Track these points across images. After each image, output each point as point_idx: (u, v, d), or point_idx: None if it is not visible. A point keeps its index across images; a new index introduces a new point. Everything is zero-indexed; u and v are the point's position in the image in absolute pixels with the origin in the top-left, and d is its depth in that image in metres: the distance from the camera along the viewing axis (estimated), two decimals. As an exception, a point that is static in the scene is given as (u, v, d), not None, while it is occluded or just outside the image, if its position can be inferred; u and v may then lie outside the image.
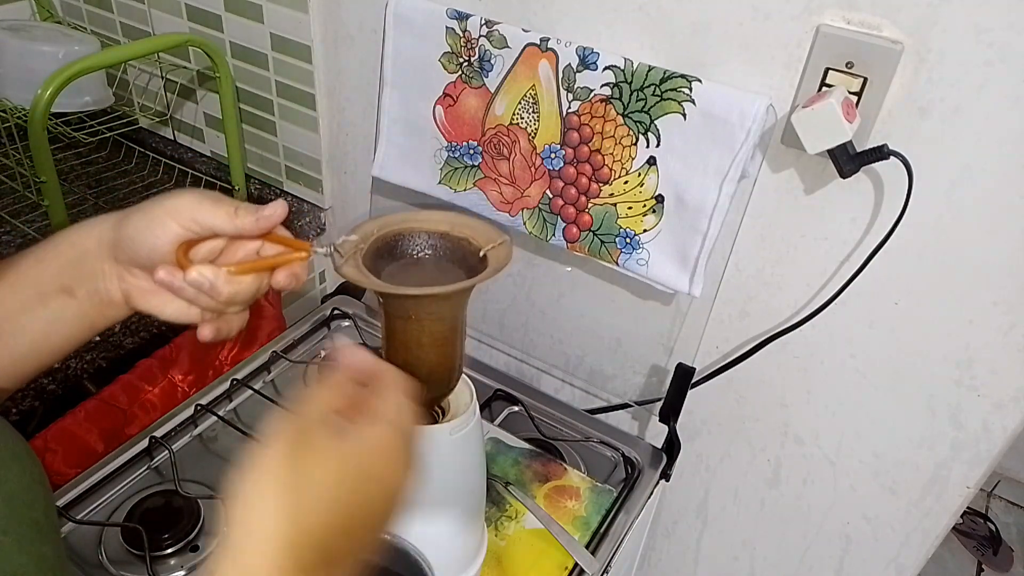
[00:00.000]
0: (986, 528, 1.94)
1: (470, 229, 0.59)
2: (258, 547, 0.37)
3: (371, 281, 0.53)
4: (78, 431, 0.88)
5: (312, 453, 0.40)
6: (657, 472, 0.90)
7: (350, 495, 0.40)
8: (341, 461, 0.41)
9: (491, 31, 0.82)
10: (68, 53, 1.05)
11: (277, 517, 0.38)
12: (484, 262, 0.58)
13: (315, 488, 0.39)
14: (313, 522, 0.38)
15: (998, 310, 0.73)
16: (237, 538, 0.38)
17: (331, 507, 0.39)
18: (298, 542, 0.38)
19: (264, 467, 0.40)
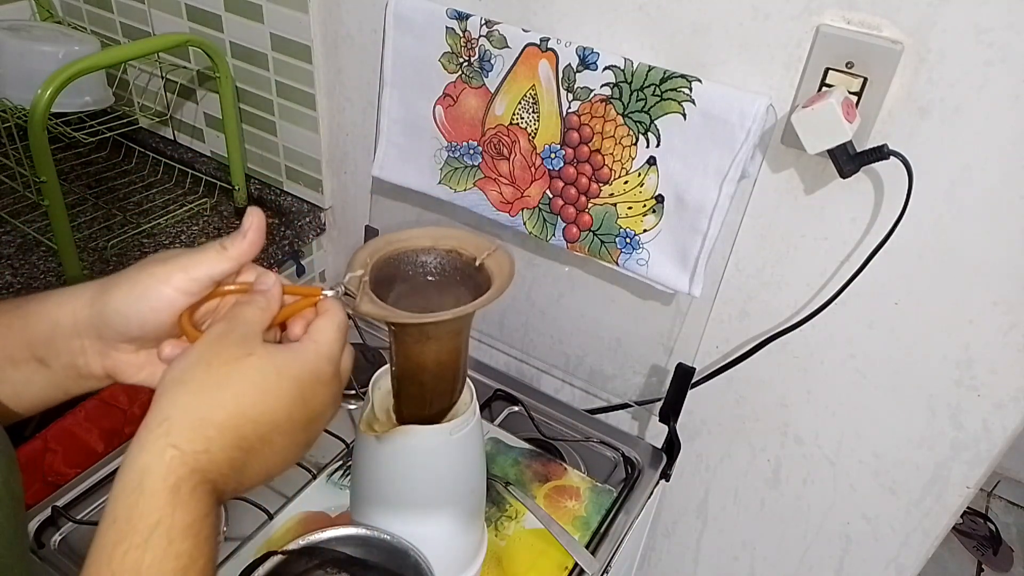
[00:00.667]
0: (986, 528, 1.94)
1: (455, 240, 0.59)
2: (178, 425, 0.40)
3: (394, 313, 0.53)
4: (78, 431, 0.88)
5: (248, 355, 0.43)
6: (657, 472, 0.90)
7: (279, 396, 0.43)
8: (273, 366, 0.43)
9: (491, 31, 0.82)
10: (68, 53, 1.05)
11: (199, 398, 0.41)
12: (482, 270, 0.58)
13: (247, 383, 0.42)
14: (240, 410, 0.41)
15: (998, 310, 0.73)
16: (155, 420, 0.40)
17: (259, 403, 0.42)
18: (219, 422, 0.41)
19: (193, 359, 0.42)
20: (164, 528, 0.38)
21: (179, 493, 0.39)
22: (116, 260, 1.04)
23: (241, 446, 0.42)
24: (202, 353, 0.43)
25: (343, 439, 0.87)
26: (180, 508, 0.39)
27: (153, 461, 0.39)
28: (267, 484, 0.45)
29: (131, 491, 0.39)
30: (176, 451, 0.39)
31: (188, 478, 0.39)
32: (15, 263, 1.02)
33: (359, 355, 1.01)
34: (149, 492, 0.38)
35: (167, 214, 1.13)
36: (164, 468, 0.39)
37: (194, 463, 0.40)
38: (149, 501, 0.38)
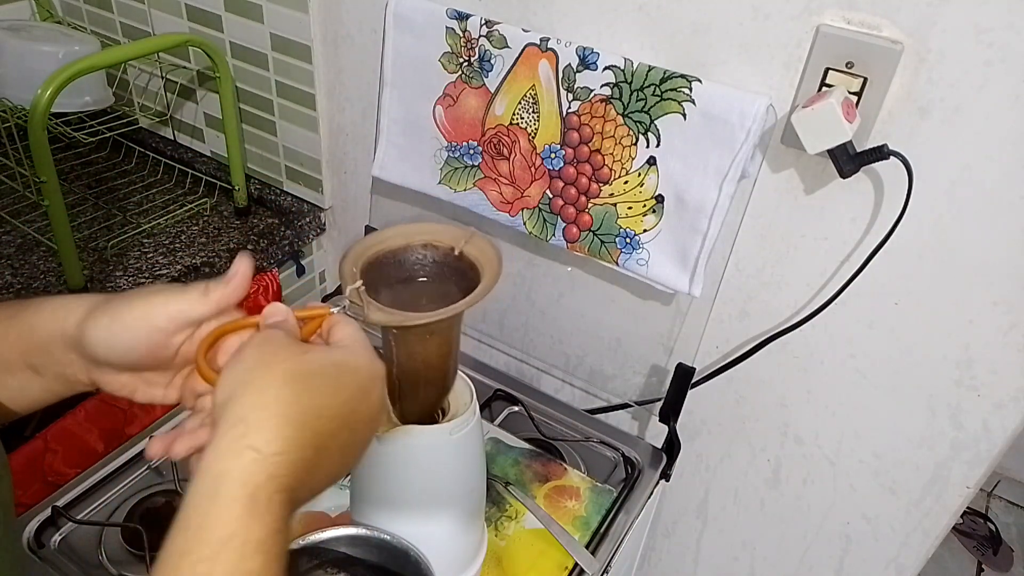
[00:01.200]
0: (986, 528, 1.94)
1: (428, 234, 0.59)
2: (264, 423, 0.39)
3: (407, 317, 0.53)
4: (78, 431, 0.88)
5: (305, 353, 0.43)
6: (657, 472, 0.90)
7: (342, 390, 0.43)
8: (331, 361, 0.44)
9: (491, 31, 0.82)
10: (68, 53, 1.05)
11: (282, 397, 0.40)
12: (464, 259, 0.58)
13: (315, 378, 0.42)
14: (313, 405, 0.41)
15: (998, 310, 0.73)
16: (243, 415, 0.40)
17: (327, 397, 0.42)
18: (300, 421, 0.40)
19: (266, 357, 0.42)
20: (237, 542, 0.37)
21: (256, 503, 0.38)
22: (116, 260, 1.04)
23: (315, 444, 0.41)
24: (257, 357, 0.42)
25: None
26: (255, 521, 0.37)
27: (231, 465, 0.38)
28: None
29: (205, 497, 0.38)
30: (255, 453, 0.38)
31: (265, 485, 0.38)
32: (15, 263, 1.02)
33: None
34: (224, 500, 0.37)
35: (167, 214, 1.13)
36: (242, 472, 0.38)
37: (273, 468, 0.39)
38: (224, 510, 0.37)
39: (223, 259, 1.06)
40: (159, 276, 1.02)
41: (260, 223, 1.15)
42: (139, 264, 1.04)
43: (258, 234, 1.12)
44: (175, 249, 1.08)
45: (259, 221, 1.16)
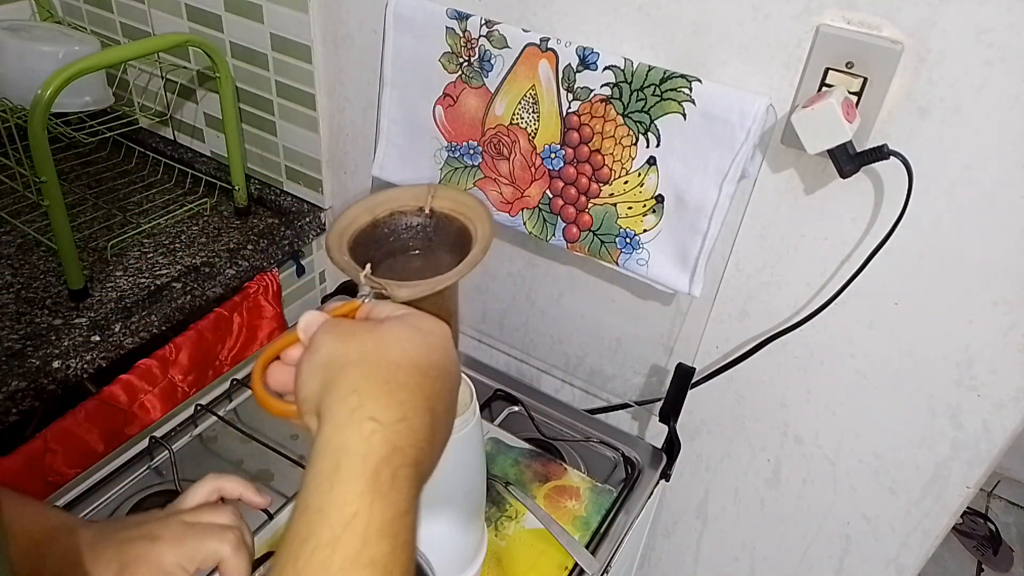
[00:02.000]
0: (986, 528, 1.94)
1: (391, 202, 0.57)
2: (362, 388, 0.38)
3: (433, 282, 0.51)
4: (78, 431, 0.88)
5: (378, 324, 0.42)
6: (657, 472, 0.90)
7: (432, 350, 0.42)
8: (407, 325, 0.42)
9: (491, 31, 0.82)
10: (68, 53, 1.05)
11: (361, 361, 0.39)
12: (435, 215, 0.57)
13: (405, 342, 0.41)
14: (415, 366, 0.40)
15: (998, 310, 0.73)
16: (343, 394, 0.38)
17: (423, 357, 0.41)
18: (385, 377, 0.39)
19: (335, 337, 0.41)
20: (360, 524, 0.34)
21: (379, 480, 0.35)
22: (116, 260, 1.04)
23: (428, 406, 0.39)
24: (334, 340, 0.41)
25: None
26: (379, 500, 0.35)
27: (351, 438, 0.36)
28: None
29: (326, 476, 0.35)
30: (376, 424, 0.36)
31: (388, 459, 0.36)
32: (15, 263, 1.02)
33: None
34: (346, 477, 0.35)
35: (167, 214, 1.13)
36: (364, 446, 0.36)
37: (395, 438, 0.37)
38: (345, 488, 0.35)
39: (223, 259, 1.06)
40: (159, 275, 1.02)
41: (260, 223, 1.15)
42: (139, 264, 1.04)
43: (258, 234, 1.12)
44: (175, 249, 1.08)
45: (259, 221, 1.16)
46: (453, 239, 0.56)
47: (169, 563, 0.51)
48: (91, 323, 0.93)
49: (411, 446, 0.37)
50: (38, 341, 0.90)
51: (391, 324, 0.42)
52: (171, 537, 0.53)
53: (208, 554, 0.53)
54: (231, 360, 1.07)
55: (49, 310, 0.94)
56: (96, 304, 0.96)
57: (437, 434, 0.40)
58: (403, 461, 0.37)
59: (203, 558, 0.53)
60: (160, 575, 0.51)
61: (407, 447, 0.37)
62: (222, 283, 1.04)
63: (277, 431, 0.90)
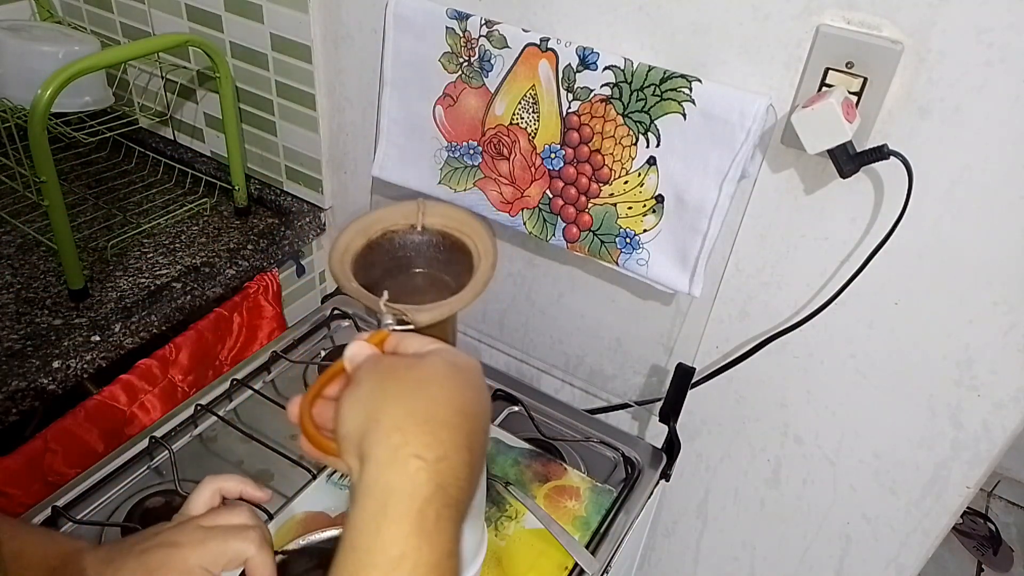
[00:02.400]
0: (986, 528, 1.94)
1: (381, 223, 0.57)
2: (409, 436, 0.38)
3: (451, 304, 0.52)
4: (78, 431, 0.88)
5: (419, 360, 0.43)
6: (657, 472, 0.90)
7: (468, 387, 0.43)
8: (446, 361, 0.43)
9: (491, 31, 0.82)
10: (68, 53, 1.05)
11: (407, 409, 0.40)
12: (427, 232, 0.57)
13: (444, 379, 0.42)
14: (455, 405, 0.41)
15: (998, 310, 0.73)
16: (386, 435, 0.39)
17: (461, 395, 0.42)
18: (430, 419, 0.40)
19: (377, 381, 0.41)
20: (407, 566, 0.35)
21: (424, 521, 0.36)
22: (116, 260, 1.04)
23: (467, 444, 0.40)
24: (376, 377, 0.42)
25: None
26: (425, 542, 0.36)
27: (397, 478, 0.37)
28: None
29: (373, 515, 0.36)
30: (420, 462, 0.37)
31: (433, 499, 0.37)
32: (15, 263, 1.02)
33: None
34: (393, 517, 0.36)
35: (167, 214, 1.13)
36: (410, 484, 0.36)
37: (438, 477, 0.37)
38: (393, 529, 0.35)
39: (223, 259, 1.06)
40: (159, 276, 1.02)
41: (260, 223, 1.15)
42: (139, 264, 1.04)
43: (258, 234, 1.12)
44: (175, 249, 1.08)
45: (259, 221, 1.16)
46: (449, 254, 0.56)
47: (194, 566, 0.51)
48: (91, 323, 0.93)
49: (452, 485, 0.38)
50: (38, 341, 0.90)
51: (430, 361, 0.43)
52: (192, 541, 0.53)
53: (234, 555, 0.53)
54: (231, 360, 1.07)
55: (49, 310, 0.95)
56: (96, 304, 0.96)
57: (474, 472, 0.41)
58: (446, 501, 0.37)
59: (229, 559, 0.53)
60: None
61: (449, 486, 0.38)
62: (222, 283, 1.04)
63: (277, 431, 0.90)
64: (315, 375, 0.98)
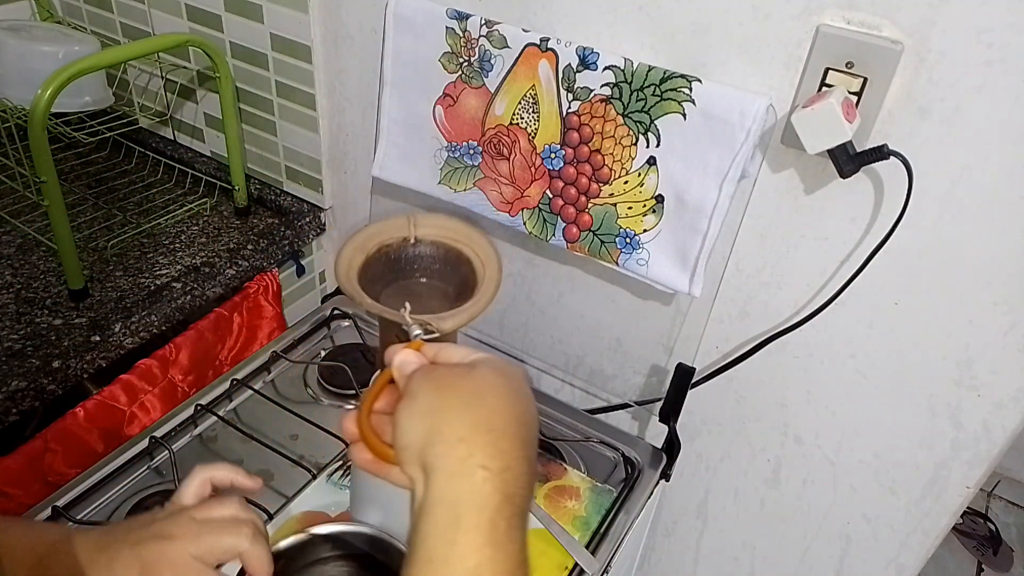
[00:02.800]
0: (986, 528, 1.94)
1: (377, 237, 0.59)
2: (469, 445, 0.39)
3: (470, 311, 0.54)
4: (78, 431, 0.88)
5: (472, 369, 0.43)
6: (657, 472, 0.90)
7: (520, 396, 0.43)
8: (496, 370, 0.44)
9: (491, 31, 0.82)
10: (68, 53, 1.05)
11: (469, 426, 0.40)
12: (421, 244, 0.59)
13: (498, 389, 0.43)
14: (510, 414, 0.42)
15: (998, 310, 0.73)
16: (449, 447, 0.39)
17: (514, 405, 0.43)
18: (489, 429, 0.40)
19: (433, 396, 0.42)
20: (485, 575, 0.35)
21: (496, 531, 0.37)
22: (116, 260, 1.04)
23: (525, 453, 0.41)
24: (432, 387, 0.42)
25: (343, 439, 0.87)
26: (499, 551, 0.36)
27: (465, 489, 0.37)
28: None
29: (446, 527, 0.37)
30: (486, 472, 0.37)
31: (502, 509, 0.37)
32: (15, 263, 1.02)
33: (359, 355, 1.01)
34: (466, 528, 0.36)
35: (167, 214, 1.13)
36: (479, 496, 0.37)
37: (504, 487, 0.38)
38: (467, 540, 0.36)
39: (223, 259, 1.06)
40: (159, 276, 1.02)
41: (260, 223, 1.15)
42: (139, 264, 1.04)
43: (258, 234, 1.12)
44: (175, 249, 1.08)
45: (259, 221, 1.16)
46: (445, 263, 0.57)
47: (189, 560, 0.52)
48: (91, 323, 0.93)
49: (517, 494, 0.39)
50: (38, 341, 0.90)
51: (482, 372, 0.43)
52: (187, 535, 0.53)
53: (227, 549, 0.53)
54: (231, 360, 1.07)
55: (49, 310, 0.95)
56: (96, 304, 0.96)
57: (533, 479, 0.42)
58: (513, 510, 0.38)
59: (222, 553, 0.53)
60: (183, 571, 0.51)
61: (514, 495, 0.38)
62: (222, 283, 1.04)
63: (277, 431, 0.90)
64: (315, 375, 0.98)
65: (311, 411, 0.92)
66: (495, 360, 0.45)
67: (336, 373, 0.97)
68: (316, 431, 0.88)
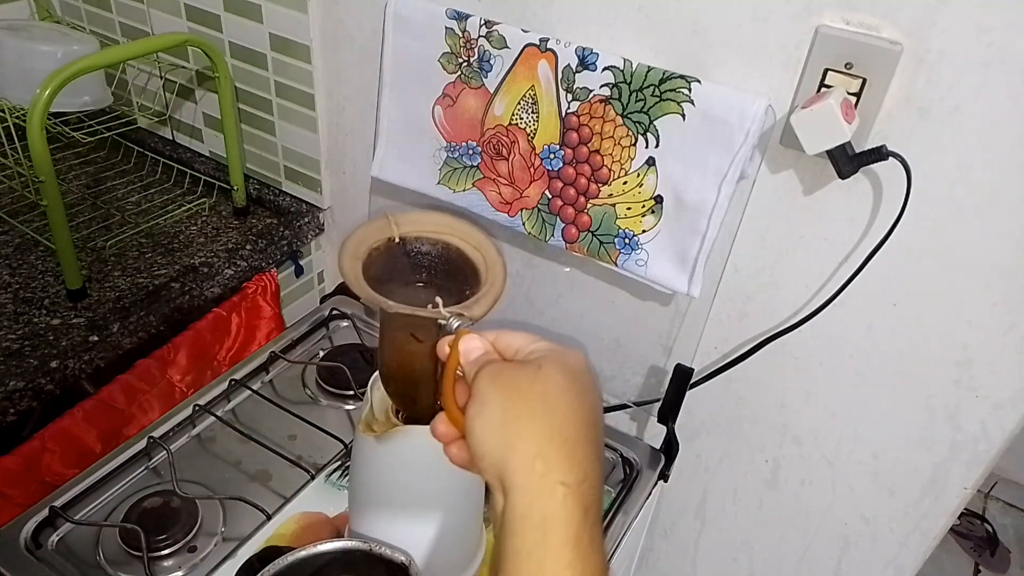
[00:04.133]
0: (983, 529, 1.95)
1: (365, 241, 0.58)
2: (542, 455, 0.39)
3: (491, 295, 0.53)
4: (76, 431, 0.88)
5: (538, 370, 0.43)
6: (655, 473, 0.90)
7: (586, 394, 0.43)
8: (563, 368, 0.43)
9: (490, 31, 0.82)
10: (67, 53, 1.05)
11: (542, 431, 0.40)
12: (407, 242, 0.58)
13: (566, 393, 0.42)
14: (580, 419, 0.41)
15: (997, 310, 0.73)
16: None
17: (582, 407, 0.42)
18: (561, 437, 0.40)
19: (508, 404, 0.42)
20: None
21: (581, 545, 0.37)
22: (114, 260, 1.04)
23: (597, 456, 0.41)
24: (505, 385, 0.42)
25: (342, 439, 0.87)
26: (586, 562, 0.37)
27: (549, 506, 0.38)
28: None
29: (536, 544, 0.37)
30: (566, 488, 0.38)
31: (584, 522, 0.38)
32: (13, 263, 1.02)
33: (358, 356, 1.01)
34: (553, 547, 0.37)
35: (166, 214, 1.13)
36: (563, 513, 0.37)
37: (584, 500, 0.38)
38: (556, 557, 0.37)
39: (221, 259, 1.06)
40: (157, 275, 1.02)
41: (259, 223, 1.15)
42: (137, 264, 1.04)
43: (257, 234, 1.12)
44: (174, 249, 1.07)
45: (258, 221, 1.15)
46: (438, 259, 0.57)
47: None
48: (89, 323, 0.93)
49: (595, 502, 0.39)
50: (36, 341, 0.89)
51: (549, 373, 0.43)
52: None
53: None
54: (229, 360, 1.07)
55: (47, 310, 0.94)
56: (94, 304, 0.96)
57: (603, 481, 0.42)
58: (594, 520, 0.38)
59: None
60: None
61: (592, 504, 0.39)
62: (220, 283, 1.04)
63: (275, 431, 0.90)
64: (313, 375, 0.98)
65: (309, 411, 0.92)
66: (558, 355, 0.45)
67: (335, 373, 0.97)
68: (314, 431, 0.88)
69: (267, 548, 0.73)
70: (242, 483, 0.84)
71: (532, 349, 0.46)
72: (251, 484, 0.84)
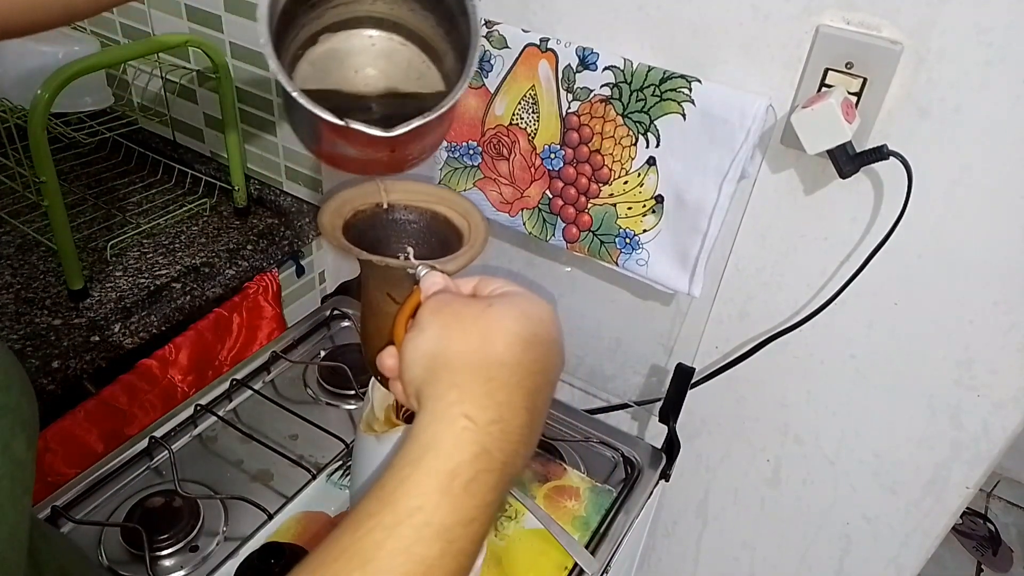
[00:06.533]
0: (985, 528, 1.94)
1: (352, 203, 0.57)
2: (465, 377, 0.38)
3: (468, 254, 0.52)
4: (78, 431, 0.88)
5: (488, 307, 0.41)
6: (657, 472, 0.90)
7: (538, 342, 0.41)
8: (519, 311, 0.41)
9: (491, 31, 0.82)
10: (68, 53, 1.05)
11: (471, 353, 0.39)
12: (393, 209, 0.58)
13: (511, 334, 0.40)
14: (520, 362, 0.39)
15: (998, 310, 0.73)
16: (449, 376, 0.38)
17: (528, 351, 0.40)
18: (491, 367, 0.38)
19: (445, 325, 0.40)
20: (419, 520, 0.34)
21: (454, 481, 0.35)
22: (115, 260, 1.04)
23: (527, 405, 0.38)
24: (444, 315, 0.40)
25: (342, 439, 0.87)
26: (446, 502, 0.35)
27: (443, 431, 0.36)
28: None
29: (408, 462, 0.35)
30: (468, 422, 0.36)
31: (473, 462, 0.35)
32: (15, 263, 1.02)
33: (359, 355, 1.01)
34: (424, 470, 0.35)
35: (167, 214, 1.13)
36: (451, 444, 0.36)
37: (486, 440, 0.36)
38: (419, 480, 0.35)
39: (223, 259, 1.06)
40: (159, 276, 1.02)
41: (260, 223, 1.15)
42: (139, 264, 1.04)
43: (258, 234, 1.12)
44: (175, 249, 1.08)
45: (259, 221, 1.16)
46: (424, 228, 0.56)
47: None
48: (91, 323, 0.93)
49: (500, 450, 0.37)
50: (38, 341, 0.90)
51: (500, 310, 0.40)
52: None
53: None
54: (231, 360, 1.07)
55: (49, 310, 0.95)
56: (96, 304, 0.96)
57: (533, 433, 0.39)
58: (487, 466, 0.36)
59: None
60: None
61: (496, 451, 0.37)
62: (222, 283, 1.04)
63: (277, 431, 0.90)
64: (315, 375, 0.98)
65: (311, 411, 0.92)
66: (520, 298, 0.42)
67: (336, 373, 0.97)
68: (316, 431, 0.88)
69: (268, 544, 0.73)
70: (243, 483, 0.84)
71: (495, 288, 0.44)
72: (252, 484, 0.84)
